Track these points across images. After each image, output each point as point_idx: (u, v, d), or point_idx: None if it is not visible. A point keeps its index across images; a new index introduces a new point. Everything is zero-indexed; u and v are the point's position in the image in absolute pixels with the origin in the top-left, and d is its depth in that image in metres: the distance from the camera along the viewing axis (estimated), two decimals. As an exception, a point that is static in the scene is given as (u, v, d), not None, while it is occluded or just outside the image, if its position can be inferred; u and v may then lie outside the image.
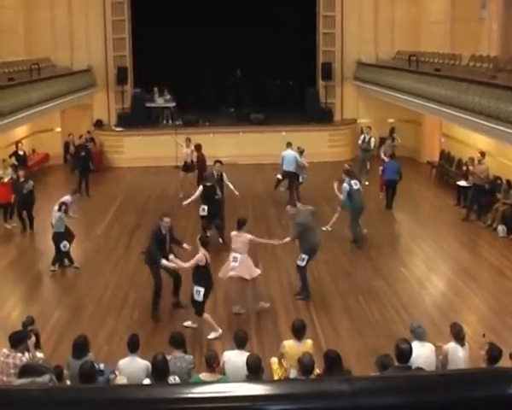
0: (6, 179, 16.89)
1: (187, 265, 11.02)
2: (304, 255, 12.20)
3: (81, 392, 1.56)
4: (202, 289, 10.72)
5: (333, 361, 7.11)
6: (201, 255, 10.83)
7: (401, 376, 2.15)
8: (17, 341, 7.93)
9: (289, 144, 19.10)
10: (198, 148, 19.28)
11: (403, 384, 1.52)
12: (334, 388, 1.46)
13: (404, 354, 7.03)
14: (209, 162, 18.05)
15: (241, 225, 12.02)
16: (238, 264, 11.69)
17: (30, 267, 14.84)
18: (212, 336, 10.88)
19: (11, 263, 14.92)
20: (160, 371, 7.08)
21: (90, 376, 6.86)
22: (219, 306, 12.22)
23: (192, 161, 19.63)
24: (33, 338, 8.14)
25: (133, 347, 7.98)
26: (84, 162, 21.14)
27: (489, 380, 1.54)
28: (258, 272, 12.02)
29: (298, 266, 12.39)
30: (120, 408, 1.48)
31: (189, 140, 19.73)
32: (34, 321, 9.08)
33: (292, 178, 18.84)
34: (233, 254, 11.81)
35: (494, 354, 7.16)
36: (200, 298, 10.75)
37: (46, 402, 1.46)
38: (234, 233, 12.03)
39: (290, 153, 18.83)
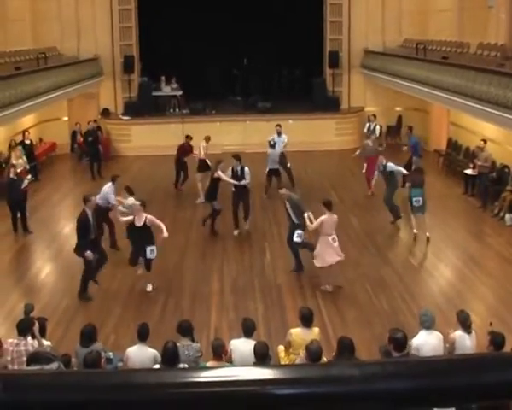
0: (19, 169, 16.83)
1: None
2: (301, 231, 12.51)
3: (90, 376, 1.56)
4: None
5: (345, 347, 7.11)
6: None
7: (411, 360, 2.15)
8: (25, 328, 7.98)
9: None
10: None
11: (413, 369, 1.52)
12: (343, 372, 1.46)
13: (400, 344, 7.04)
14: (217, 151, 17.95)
15: (331, 207, 12.29)
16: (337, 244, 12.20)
17: (38, 256, 14.94)
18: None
19: (19, 251, 14.97)
20: (170, 358, 7.10)
21: (95, 365, 6.90)
22: (227, 294, 12.26)
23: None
24: (37, 324, 8.19)
25: (143, 335, 8.01)
26: (93, 147, 21.24)
27: (499, 364, 1.53)
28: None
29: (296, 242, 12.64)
30: (129, 393, 1.48)
31: None
32: (34, 308, 9.13)
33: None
34: (332, 236, 12.12)
35: (497, 341, 7.16)
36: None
37: (54, 386, 1.46)
38: (326, 216, 12.07)
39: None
